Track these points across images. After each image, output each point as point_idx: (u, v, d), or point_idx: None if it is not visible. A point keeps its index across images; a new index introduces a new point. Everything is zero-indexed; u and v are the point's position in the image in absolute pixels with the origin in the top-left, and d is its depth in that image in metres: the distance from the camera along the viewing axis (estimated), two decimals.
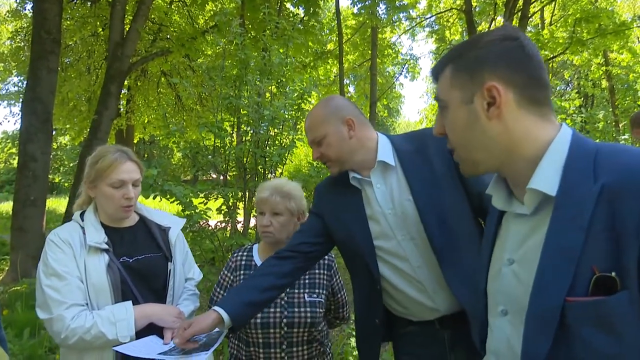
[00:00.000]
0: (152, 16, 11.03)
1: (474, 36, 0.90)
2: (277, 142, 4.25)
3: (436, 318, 1.50)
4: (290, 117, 4.29)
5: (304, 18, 9.92)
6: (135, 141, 15.33)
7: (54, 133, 9.75)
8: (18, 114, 14.99)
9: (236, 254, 1.92)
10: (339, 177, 1.60)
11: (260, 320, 1.73)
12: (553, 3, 12.93)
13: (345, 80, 13.09)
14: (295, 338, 1.74)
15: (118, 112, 11.49)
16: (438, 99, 0.93)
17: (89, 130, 7.64)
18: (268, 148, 4.18)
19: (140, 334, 1.49)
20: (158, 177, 3.35)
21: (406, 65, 17.06)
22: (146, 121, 14.62)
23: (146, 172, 2.53)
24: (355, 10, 10.72)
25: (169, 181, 3.46)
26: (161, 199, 3.42)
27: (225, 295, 1.81)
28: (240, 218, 4.54)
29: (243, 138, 4.55)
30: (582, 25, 10.59)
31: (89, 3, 10.95)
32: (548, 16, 13.66)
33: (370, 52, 12.39)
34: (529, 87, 0.83)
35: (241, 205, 4.31)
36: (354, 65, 15.58)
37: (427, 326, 1.51)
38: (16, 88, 14.85)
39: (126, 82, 11.14)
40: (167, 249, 1.71)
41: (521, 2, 10.86)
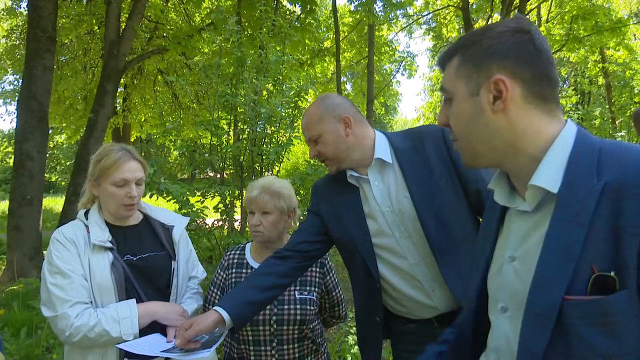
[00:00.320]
0: (148, 14, 10.99)
1: (485, 26, 0.87)
2: (274, 140, 4.25)
3: (434, 316, 1.50)
4: (287, 115, 4.29)
5: (301, 15, 9.88)
6: (132, 139, 15.27)
7: (50, 131, 9.69)
8: (14, 113, 14.97)
9: (229, 253, 1.92)
10: (337, 175, 1.60)
11: None
12: (550, 0, 12.93)
13: (342, 77, 13.06)
14: (285, 336, 1.73)
15: (114, 111, 11.47)
16: (443, 89, 0.91)
17: (85, 128, 7.59)
18: (265, 146, 4.17)
19: (144, 332, 1.50)
20: (155, 176, 3.34)
21: (403, 62, 17.01)
22: (143, 119, 14.58)
23: None
24: (352, 7, 10.67)
25: (166, 179, 3.45)
26: (157, 198, 3.42)
27: (225, 295, 1.80)
28: (237, 216, 4.53)
29: (240, 136, 4.54)
30: (579, 22, 10.59)
31: (85, 1, 10.89)
32: (545, 13, 13.64)
33: (367, 50, 12.36)
34: (537, 83, 0.81)
35: (238, 203, 4.31)
36: (351, 62, 15.54)
37: (426, 324, 1.52)
38: (12, 86, 14.82)
39: (122, 80, 11.11)
40: (171, 248, 1.72)
41: None
